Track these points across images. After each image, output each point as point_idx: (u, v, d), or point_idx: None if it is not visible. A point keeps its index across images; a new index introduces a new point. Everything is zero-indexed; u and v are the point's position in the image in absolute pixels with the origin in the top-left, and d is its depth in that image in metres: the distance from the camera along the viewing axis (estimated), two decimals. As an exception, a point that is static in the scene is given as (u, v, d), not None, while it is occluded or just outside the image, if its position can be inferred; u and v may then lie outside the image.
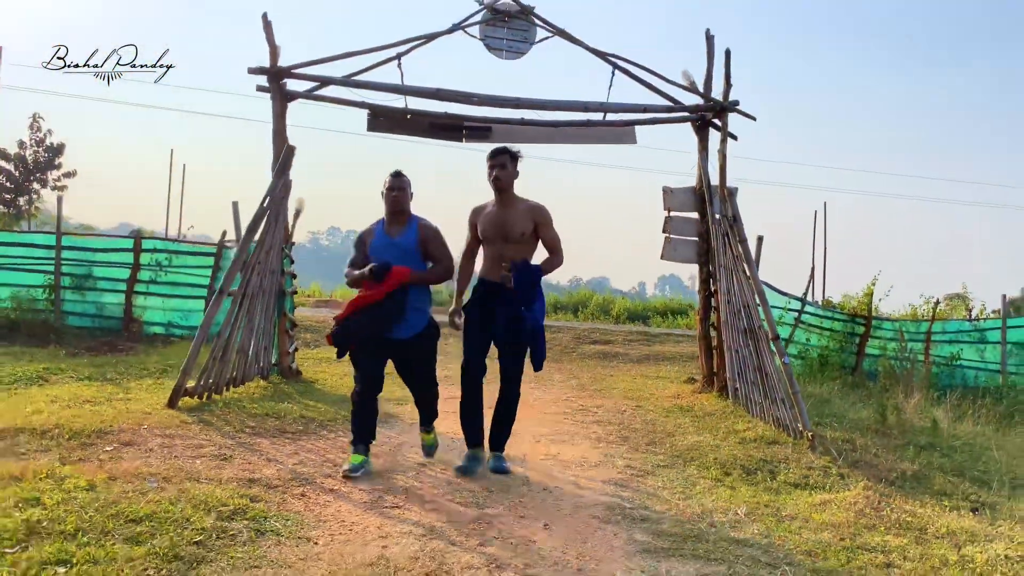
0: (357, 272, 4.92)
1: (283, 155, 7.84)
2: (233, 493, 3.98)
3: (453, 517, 4.06)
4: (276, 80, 8.43)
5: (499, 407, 5.12)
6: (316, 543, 3.50)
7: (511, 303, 4.85)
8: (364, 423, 4.92)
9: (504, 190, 4.98)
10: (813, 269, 15.73)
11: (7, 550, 2.95)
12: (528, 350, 4.97)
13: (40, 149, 23.88)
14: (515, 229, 4.93)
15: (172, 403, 6.26)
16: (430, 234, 5.05)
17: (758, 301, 7.64)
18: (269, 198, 7.61)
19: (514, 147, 5.09)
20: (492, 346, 5.11)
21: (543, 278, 5.09)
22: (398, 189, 5.01)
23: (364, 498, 4.29)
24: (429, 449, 5.41)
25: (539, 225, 4.98)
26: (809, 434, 6.35)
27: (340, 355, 4.97)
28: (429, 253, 5.04)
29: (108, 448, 4.72)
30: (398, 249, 4.94)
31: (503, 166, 4.95)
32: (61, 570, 2.82)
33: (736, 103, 8.93)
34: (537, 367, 4.97)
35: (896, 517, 4.46)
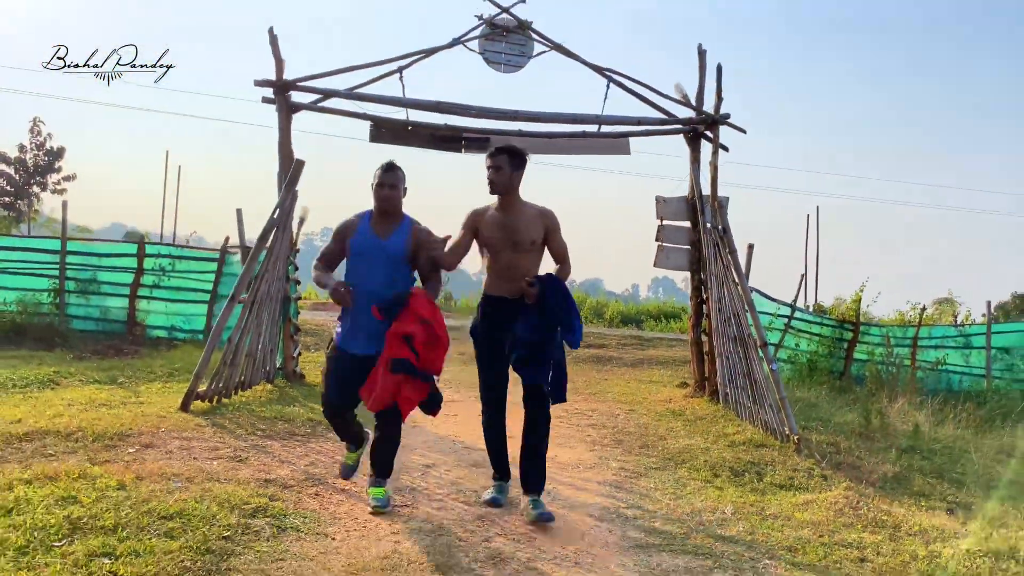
0: (331, 283, 4.28)
1: (292, 170, 8.11)
2: (252, 492, 4.25)
3: (458, 515, 4.33)
4: (282, 93, 8.70)
5: (528, 437, 4.42)
6: (334, 539, 3.78)
7: (528, 321, 4.32)
8: (346, 433, 4.60)
9: (499, 195, 4.48)
10: (804, 276, 16.02)
11: (55, 544, 3.22)
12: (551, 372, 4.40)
13: (40, 153, 24.19)
14: (525, 236, 4.43)
15: (185, 406, 6.52)
16: (426, 238, 4.38)
17: (747, 310, 7.94)
18: (279, 210, 7.87)
19: (519, 147, 4.57)
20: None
21: None
22: (390, 186, 4.36)
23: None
24: (376, 504, 4.32)
25: (549, 232, 4.51)
26: (795, 438, 6.64)
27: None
28: (420, 265, 4.42)
29: (131, 450, 4.99)
30: (385, 253, 4.32)
31: (498, 168, 4.42)
32: (107, 562, 3.09)
33: (727, 116, 9.23)
34: (559, 398, 4.45)
35: (873, 516, 4.76)
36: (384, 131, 9.29)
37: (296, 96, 8.87)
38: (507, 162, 4.44)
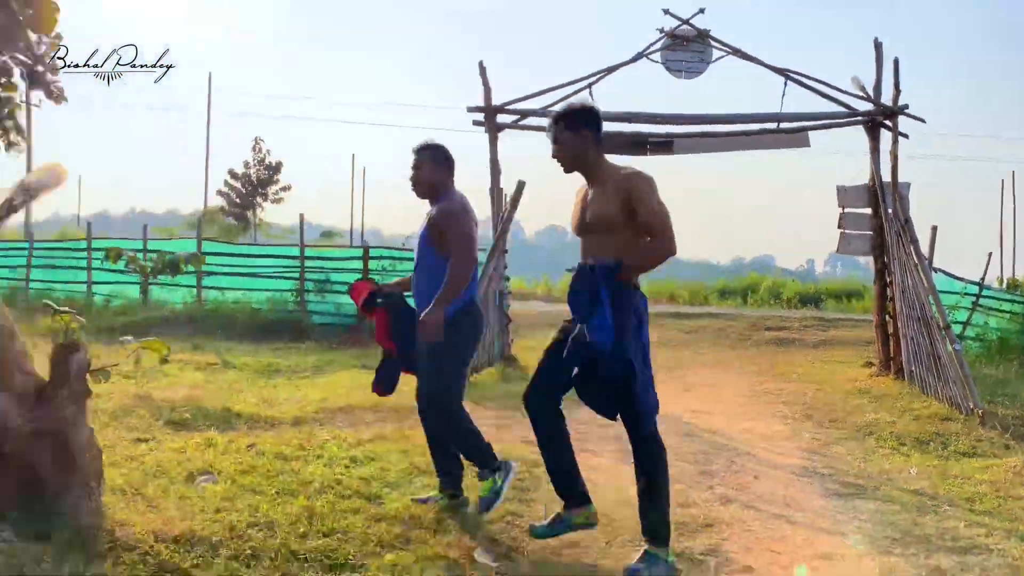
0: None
1: (515, 191, 9.58)
2: (524, 451, 5.53)
3: (682, 470, 5.40)
4: (491, 116, 10.10)
5: (637, 476, 3.65)
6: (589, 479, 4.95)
7: (581, 329, 3.39)
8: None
9: (571, 171, 3.62)
10: (991, 254, 15.55)
11: (409, 482, 4.64)
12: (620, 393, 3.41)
13: (261, 167, 27.74)
14: (596, 216, 3.48)
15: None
16: (442, 219, 3.87)
17: (931, 296, 8.43)
18: (501, 228, 9.40)
19: (577, 104, 3.72)
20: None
21: (645, 273, 3.62)
22: (410, 167, 4.10)
23: (610, 455, 5.73)
24: (482, 503, 4.03)
25: (634, 202, 3.39)
26: (979, 411, 7.14)
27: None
28: (443, 246, 3.85)
29: (415, 419, 6.46)
30: (419, 242, 4.05)
31: (555, 140, 3.57)
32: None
33: (906, 107, 9.61)
34: (641, 426, 3.48)
35: (1050, 477, 5.38)
36: (578, 142, 10.52)
37: (499, 117, 10.26)
38: (564, 130, 3.55)
